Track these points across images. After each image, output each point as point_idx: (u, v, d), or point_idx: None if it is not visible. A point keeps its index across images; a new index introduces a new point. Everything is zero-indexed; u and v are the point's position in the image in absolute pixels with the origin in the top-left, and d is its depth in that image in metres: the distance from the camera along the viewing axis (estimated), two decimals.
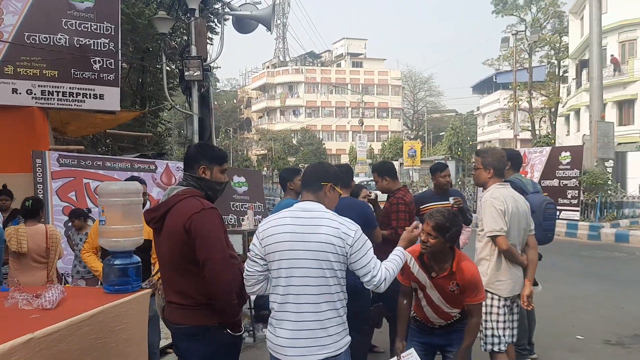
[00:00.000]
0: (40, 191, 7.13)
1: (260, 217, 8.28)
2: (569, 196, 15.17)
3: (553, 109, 38.28)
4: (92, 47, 8.01)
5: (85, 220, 6.29)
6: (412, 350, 3.25)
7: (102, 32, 8.08)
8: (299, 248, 2.52)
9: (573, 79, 34.38)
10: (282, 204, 4.14)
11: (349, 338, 2.64)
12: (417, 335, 3.46)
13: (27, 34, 7.57)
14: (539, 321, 5.21)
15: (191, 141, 9.64)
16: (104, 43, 8.09)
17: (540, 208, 4.44)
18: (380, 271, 2.60)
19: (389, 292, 2.81)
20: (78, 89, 7.94)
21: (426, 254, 3.20)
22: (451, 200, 5.03)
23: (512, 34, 34.40)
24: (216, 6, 11.97)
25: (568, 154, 15.51)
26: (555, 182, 15.40)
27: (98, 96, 8.08)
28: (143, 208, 3.33)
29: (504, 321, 3.76)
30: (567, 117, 35.70)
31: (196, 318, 2.65)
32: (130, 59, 14.49)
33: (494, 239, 3.72)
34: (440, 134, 57.46)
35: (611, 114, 26.67)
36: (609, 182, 16.08)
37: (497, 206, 3.71)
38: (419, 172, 39.07)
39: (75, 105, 7.99)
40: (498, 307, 3.74)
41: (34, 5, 7.62)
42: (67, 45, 7.83)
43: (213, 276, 2.54)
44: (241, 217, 8.11)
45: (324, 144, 60.64)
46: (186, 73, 9.45)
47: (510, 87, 36.04)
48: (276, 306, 2.60)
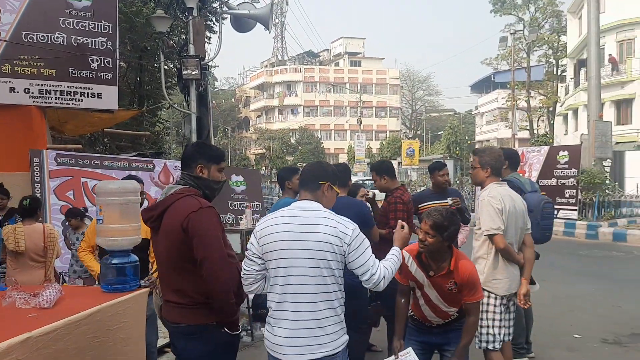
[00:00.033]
0: (37, 190, 7.13)
1: (258, 216, 8.28)
2: (567, 195, 15.19)
3: (551, 108, 38.34)
4: (89, 46, 8.00)
5: (82, 219, 6.29)
6: (409, 349, 3.25)
7: (99, 30, 8.07)
8: (296, 247, 2.52)
9: (571, 78, 34.42)
10: (280, 203, 4.14)
11: (346, 337, 2.64)
12: (415, 334, 3.46)
13: (24, 32, 7.55)
14: (536, 320, 5.23)
15: (189, 140, 9.63)
16: (101, 42, 8.08)
17: (538, 207, 4.45)
18: (379, 269, 2.60)
19: (387, 290, 2.81)
20: (76, 87, 7.93)
21: (424, 253, 3.21)
22: (449, 201, 5.04)
23: (511, 34, 34.47)
24: (214, 5, 11.94)
25: (566, 153, 15.53)
26: (553, 182, 15.42)
27: (96, 95, 8.07)
28: (140, 207, 3.32)
29: (500, 320, 3.77)
30: (565, 117, 35.75)
31: (194, 317, 2.65)
32: (128, 57, 14.48)
33: (491, 237, 3.73)
34: (439, 133, 57.46)
35: (609, 114, 26.72)
36: (607, 182, 16.09)
37: (494, 205, 3.72)
38: (417, 171, 39.09)
39: (72, 104, 7.98)
40: (494, 306, 3.75)
41: (32, 4, 7.60)
42: (65, 44, 7.82)
43: (211, 275, 2.54)
44: (239, 216, 8.10)
45: (322, 143, 60.67)
46: (184, 72, 9.45)
47: (508, 86, 36.09)
48: (274, 305, 2.60)
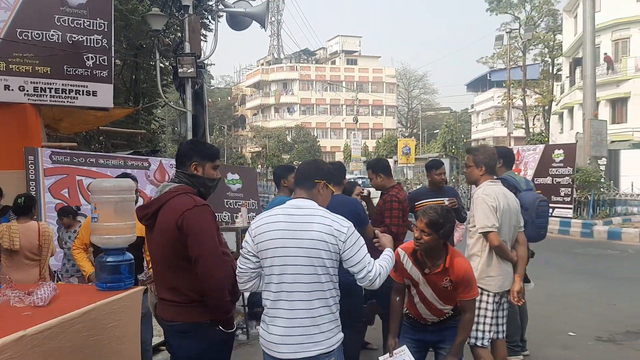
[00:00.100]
0: (32, 188, 7.09)
1: (254, 214, 8.27)
2: (562, 194, 15.23)
3: (547, 107, 38.46)
4: (85, 44, 7.97)
5: (74, 218, 6.26)
6: (404, 347, 3.26)
7: (95, 28, 8.04)
8: (291, 245, 2.52)
9: (567, 77, 34.52)
10: (276, 202, 4.14)
11: (341, 335, 2.64)
12: (410, 332, 3.47)
13: (19, 30, 7.52)
14: (531, 318, 5.25)
15: (185, 138, 9.62)
16: (97, 39, 8.05)
17: (533, 205, 4.47)
18: (375, 267, 2.60)
19: (383, 288, 2.81)
20: (71, 85, 7.90)
21: (420, 251, 3.21)
22: (446, 201, 5.04)
23: (506, 32, 34.48)
24: (210, 3, 11.96)
25: (561, 151, 15.56)
26: (548, 180, 15.45)
27: (91, 93, 8.05)
28: (135, 205, 3.31)
29: (492, 317, 3.79)
30: (561, 115, 35.85)
31: (188, 315, 2.65)
32: (123, 55, 14.45)
33: (485, 235, 3.75)
34: (435, 131, 57.54)
35: (604, 112, 26.83)
36: (602, 180, 16.16)
37: (489, 203, 3.74)
38: (413, 170, 39.17)
39: (68, 101, 7.95)
40: (487, 303, 3.77)
41: (26, 2, 7.56)
42: (60, 41, 7.79)
43: (205, 273, 2.54)
44: (235, 215, 8.11)
45: (318, 141, 60.68)
46: (180, 70, 9.45)
47: (504, 85, 36.12)
48: (269, 303, 2.60)
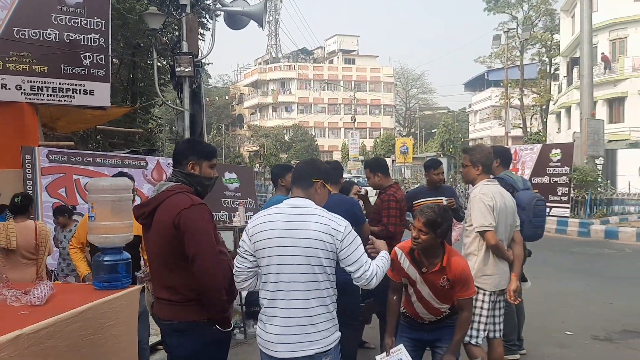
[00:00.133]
0: (29, 187, 7.08)
1: (251, 213, 8.26)
2: (560, 193, 15.27)
3: (544, 107, 38.50)
4: (82, 43, 7.96)
5: (69, 217, 6.24)
6: (401, 346, 3.26)
7: (92, 27, 8.03)
8: (288, 244, 2.52)
9: (564, 76, 34.54)
10: (273, 201, 4.13)
11: (338, 334, 2.64)
12: (407, 331, 3.48)
13: (16, 28, 7.50)
14: (528, 317, 5.26)
15: (182, 137, 9.61)
16: (94, 38, 8.04)
17: (530, 205, 4.47)
18: (371, 267, 2.61)
19: (380, 287, 2.81)
20: (68, 84, 7.89)
21: (417, 250, 3.22)
22: (445, 201, 5.05)
23: (504, 32, 34.50)
24: (208, 2, 11.92)
25: (559, 151, 15.60)
26: (545, 179, 15.49)
27: (88, 92, 8.04)
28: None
29: (487, 316, 3.80)
30: (558, 115, 35.89)
31: (185, 314, 2.65)
32: (121, 54, 14.42)
33: (482, 234, 3.76)
34: (432, 131, 57.59)
35: (601, 112, 26.85)
36: (599, 180, 16.20)
37: (486, 202, 3.75)
38: (411, 169, 39.22)
39: (65, 100, 7.94)
40: (482, 302, 3.78)
41: (23, 0, 7.55)
42: (57, 40, 7.78)
43: (202, 272, 2.54)
44: (232, 214, 8.09)
45: (316, 140, 60.68)
46: (177, 69, 9.44)
47: (501, 84, 36.16)
48: (266, 302, 2.60)
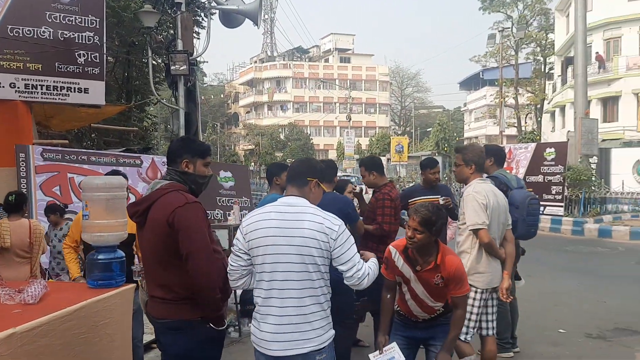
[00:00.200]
0: (23, 186, 7.06)
1: (246, 212, 8.27)
2: (554, 192, 15.33)
3: (539, 106, 38.61)
4: (76, 41, 7.93)
5: (61, 215, 6.22)
6: (394, 344, 3.27)
7: (86, 25, 8.00)
8: (282, 243, 2.53)
9: (558, 75, 34.68)
10: (267, 199, 4.13)
11: (332, 332, 2.65)
12: (401, 329, 3.49)
13: (10, 26, 7.46)
14: (522, 315, 5.28)
15: (177, 136, 9.59)
16: (88, 36, 8.01)
17: (524, 203, 4.49)
18: (364, 266, 2.62)
19: (374, 286, 2.82)
20: (62, 82, 7.86)
21: (411, 248, 3.23)
22: (441, 200, 5.06)
23: (499, 31, 34.65)
24: (203, 0, 11.90)
25: (553, 150, 15.66)
26: (540, 178, 15.55)
27: (83, 90, 8.01)
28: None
29: (477, 313, 3.83)
30: (553, 114, 36.02)
31: (179, 312, 2.65)
32: (115, 52, 14.38)
33: (476, 232, 3.78)
34: (428, 129, 57.66)
35: (595, 111, 26.97)
36: (593, 178, 16.28)
37: (479, 200, 3.77)
38: (406, 168, 39.30)
39: (59, 99, 7.91)
40: (473, 299, 3.79)
41: None
42: (52, 38, 7.75)
43: (196, 270, 2.55)
44: (227, 212, 8.10)
45: (311, 139, 60.65)
46: (172, 67, 9.42)
47: (496, 83, 36.24)
48: (260, 301, 2.60)
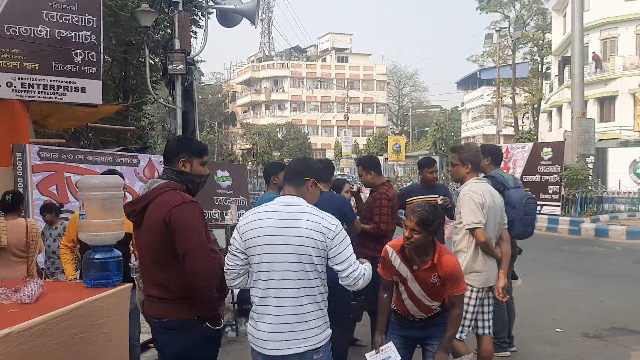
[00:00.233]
0: (20, 185, 7.03)
1: (244, 211, 8.25)
2: (550, 191, 15.36)
3: (536, 105, 38.67)
4: (73, 40, 7.90)
5: (57, 214, 6.20)
6: (390, 343, 3.28)
7: (83, 24, 7.97)
8: (279, 242, 2.53)
9: (555, 75, 34.70)
10: (264, 198, 4.13)
11: (329, 331, 2.65)
12: (398, 328, 3.49)
13: (6, 25, 7.43)
14: (519, 315, 5.29)
15: (174, 135, 9.58)
16: (85, 35, 7.99)
17: (521, 203, 4.50)
18: (359, 267, 2.62)
19: (371, 285, 2.82)
20: (59, 81, 7.82)
21: (408, 248, 3.23)
22: (439, 200, 5.06)
23: (496, 31, 34.67)
24: None
25: (550, 149, 15.69)
26: (537, 178, 15.57)
27: (80, 89, 7.97)
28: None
29: (472, 312, 3.84)
30: (550, 114, 36.06)
31: (175, 312, 2.65)
32: (112, 51, 14.33)
33: (472, 231, 3.78)
34: (425, 129, 57.72)
35: (592, 111, 27.02)
36: (590, 178, 16.31)
37: (475, 199, 3.78)
38: (404, 167, 39.33)
39: (56, 98, 7.88)
40: (469, 298, 3.80)
41: None
42: (48, 37, 7.71)
43: (193, 269, 2.54)
44: (225, 212, 8.08)
45: (309, 138, 60.69)
46: (169, 66, 9.40)
47: (493, 83, 36.30)
48: (257, 300, 2.60)
